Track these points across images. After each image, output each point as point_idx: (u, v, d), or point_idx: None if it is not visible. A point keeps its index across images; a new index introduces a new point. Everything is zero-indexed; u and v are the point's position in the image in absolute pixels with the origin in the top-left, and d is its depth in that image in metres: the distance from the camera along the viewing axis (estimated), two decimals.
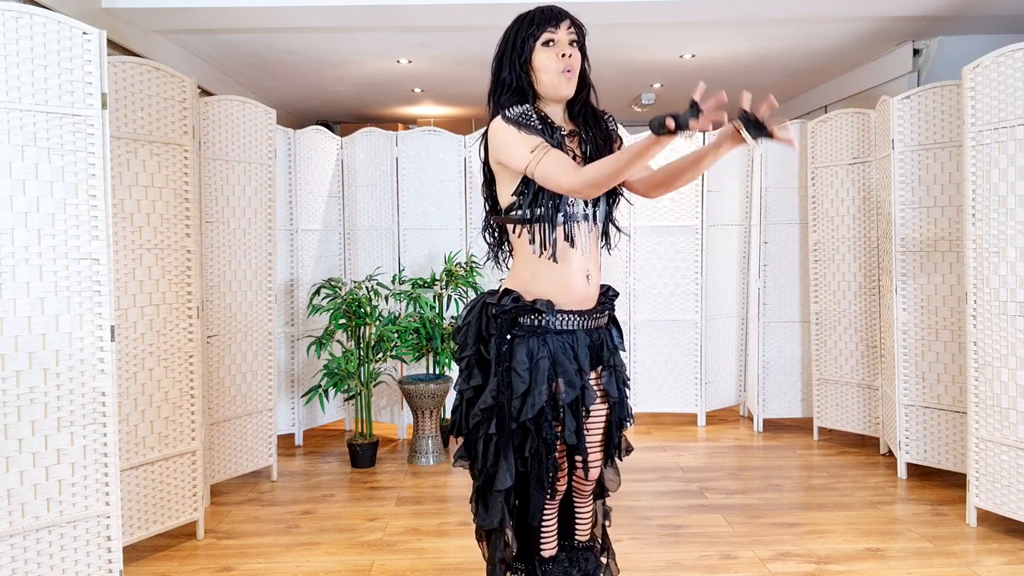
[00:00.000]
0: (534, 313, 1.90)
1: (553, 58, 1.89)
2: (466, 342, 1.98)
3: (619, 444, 2.11)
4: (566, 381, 1.90)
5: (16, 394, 2.30)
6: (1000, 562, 2.83)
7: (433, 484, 3.81)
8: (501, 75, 1.94)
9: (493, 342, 1.92)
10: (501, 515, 1.93)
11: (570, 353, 1.93)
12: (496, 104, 1.95)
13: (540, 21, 1.90)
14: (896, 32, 4.74)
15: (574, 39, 1.92)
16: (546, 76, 1.90)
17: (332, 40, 4.85)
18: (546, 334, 1.91)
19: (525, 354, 1.89)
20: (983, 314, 3.08)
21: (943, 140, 3.59)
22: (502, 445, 1.89)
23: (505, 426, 1.88)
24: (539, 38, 1.89)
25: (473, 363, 1.97)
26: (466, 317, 2.00)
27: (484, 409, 1.91)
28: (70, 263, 2.40)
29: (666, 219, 4.79)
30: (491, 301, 1.95)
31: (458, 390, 2.02)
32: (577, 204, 1.92)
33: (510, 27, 1.96)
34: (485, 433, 1.91)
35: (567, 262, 1.92)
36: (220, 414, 3.58)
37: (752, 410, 4.91)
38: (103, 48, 2.45)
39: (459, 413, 2.01)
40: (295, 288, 4.53)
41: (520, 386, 1.87)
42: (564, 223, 1.90)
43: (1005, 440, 3.01)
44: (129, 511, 2.82)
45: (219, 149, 3.53)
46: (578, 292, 1.94)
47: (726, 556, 2.90)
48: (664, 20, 4.40)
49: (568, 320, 1.93)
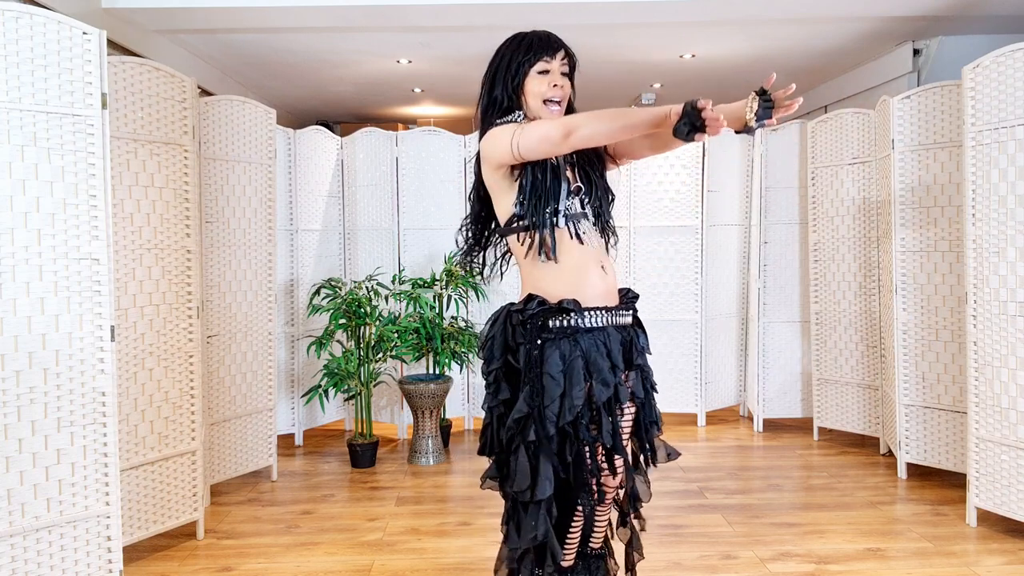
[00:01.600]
0: (562, 314, 1.89)
1: (544, 85, 1.94)
2: (492, 355, 1.95)
3: (653, 448, 2.08)
4: (600, 380, 1.87)
5: (16, 394, 2.30)
6: (1000, 562, 2.83)
7: (433, 484, 3.81)
8: (493, 93, 1.99)
9: (522, 350, 1.89)
10: (546, 527, 1.87)
11: (603, 350, 1.90)
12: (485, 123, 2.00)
13: (537, 49, 1.94)
14: (896, 32, 4.74)
15: (566, 70, 1.97)
16: (535, 102, 1.95)
17: (332, 40, 4.85)
18: (576, 334, 1.89)
19: (558, 356, 1.86)
20: (983, 314, 3.08)
21: (943, 140, 3.59)
22: (540, 452, 1.85)
23: (541, 433, 1.85)
24: (535, 65, 1.94)
25: (501, 376, 1.94)
26: (491, 330, 1.98)
27: (518, 419, 1.87)
28: (70, 263, 2.40)
29: (666, 219, 4.79)
30: (516, 309, 1.93)
31: (487, 407, 1.97)
32: (574, 204, 1.94)
33: (505, 46, 1.99)
34: (523, 442, 1.86)
35: (579, 257, 1.92)
36: (220, 414, 3.58)
37: (752, 410, 4.91)
38: (103, 48, 2.45)
39: (490, 431, 1.97)
40: (295, 288, 4.53)
41: (555, 389, 1.84)
42: (567, 222, 1.91)
43: (1005, 440, 3.01)
44: (129, 511, 2.82)
45: (219, 149, 3.53)
46: (597, 285, 1.93)
47: (726, 556, 2.90)
48: (664, 20, 4.40)
49: (597, 317, 1.92)
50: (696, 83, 6.29)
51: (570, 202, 1.93)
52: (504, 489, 1.96)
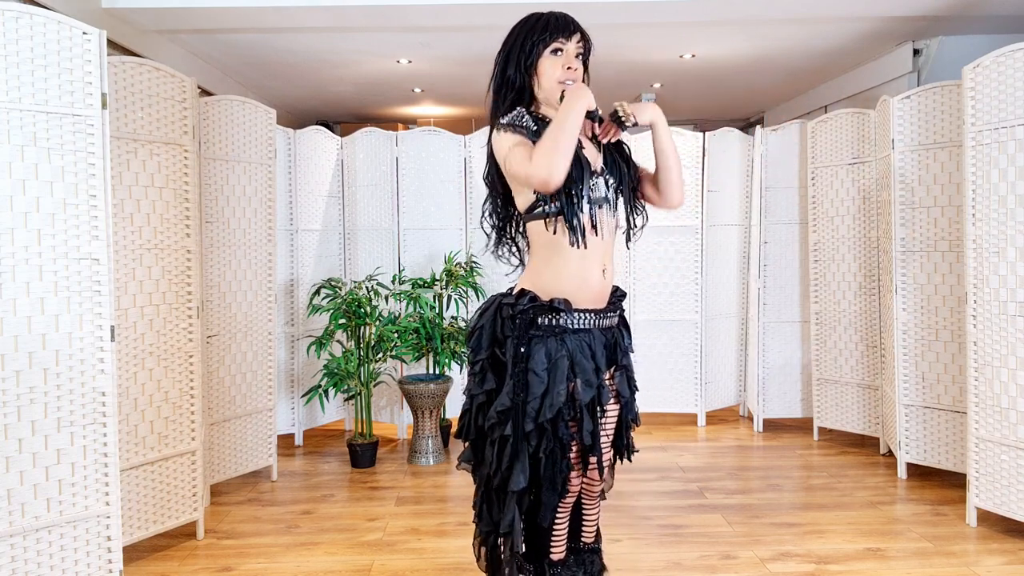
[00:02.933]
0: (552, 313, 1.90)
1: (557, 67, 1.93)
2: (480, 345, 1.97)
3: (628, 444, 2.11)
4: (584, 380, 1.90)
5: (16, 394, 2.30)
6: (1000, 562, 2.83)
7: (433, 484, 3.81)
8: (506, 72, 1.97)
9: (509, 343, 1.91)
10: (512, 517, 1.92)
11: (588, 352, 1.93)
12: (495, 104, 2.00)
13: (553, 29, 1.93)
14: (896, 32, 4.74)
15: (581, 52, 1.96)
16: (547, 83, 1.94)
17: (332, 40, 4.85)
18: (564, 334, 1.91)
19: (544, 354, 1.89)
20: (983, 314, 3.08)
21: (943, 140, 3.59)
22: (517, 447, 1.88)
23: (520, 427, 1.87)
24: (549, 45, 1.93)
25: (487, 367, 1.95)
26: (480, 320, 1.99)
27: (501, 411, 1.89)
28: (70, 263, 2.40)
29: (666, 219, 4.79)
30: (507, 302, 1.94)
31: (468, 393, 2.00)
32: (598, 187, 1.93)
33: (521, 25, 1.98)
34: (500, 435, 1.89)
35: (587, 253, 1.92)
36: (220, 414, 3.58)
37: (752, 410, 4.91)
38: (103, 48, 2.45)
39: (468, 417, 1.99)
40: (295, 288, 4.53)
41: (539, 386, 1.86)
42: (589, 208, 1.91)
43: (1005, 440, 3.01)
44: (129, 511, 2.82)
45: (219, 149, 3.53)
46: (594, 287, 1.95)
47: (726, 556, 2.90)
48: (664, 20, 4.40)
49: (584, 319, 1.94)
50: (696, 83, 6.30)
51: (593, 182, 1.93)
52: (478, 473, 2.01)
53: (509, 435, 1.88)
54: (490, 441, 1.93)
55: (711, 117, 8.27)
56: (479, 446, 1.98)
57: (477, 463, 2.00)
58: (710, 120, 8.33)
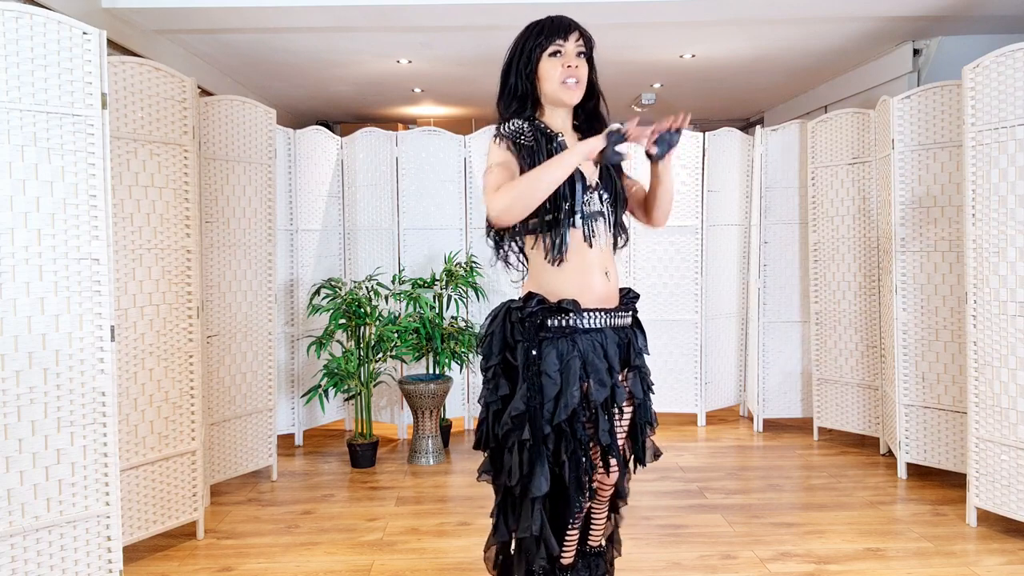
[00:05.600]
0: (561, 314, 1.90)
1: (557, 67, 1.94)
2: (491, 351, 1.97)
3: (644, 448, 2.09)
4: (597, 380, 1.90)
5: (16, 394, 2.30)
6: (1000, 562, 2.83)
7: (433, 484, 3.81)
8: (509, 81, 2.00)
9: (520, 347, 1.91)
10: (540, 522, 1.90)
11: (600, 352, 1.93)
12: (500, 113, 2.02)
13: (549, 32, 1.95)
14: (896, 32, 4.74)
15: (581, 50, 1.97)
16: (548, 85, 1.96)
17: (332, 40, 4.85)
18: (575, 334, 1.91)
19: (555, 356, 1.89)
20: (983, 314, 3.08)
21: (943, 140, 3.59)
22: (536, 450, 1.88)
23: (538, 431, 1.87)
24: (547, 48, 1.94)
25: (499, 373, 1.95)
26: (490, 326, 2.00)
27: (515, 416, 1.89)
28: (70, 263, 2.40)
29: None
30: (515, 306, 1.95)
31: (484, 402, 1.99)
32: (593, 202, 1.95)
33: (521, 35, 2.01)
34: (518, 440, 1.89)
35: (585, 261, 1.93)
36: (220, 414, 3.58)
37: (752, 410, 4.91)
38: (103, 48, 2.45)
39: (485, 426, 1.98)
40: (295, 288, 4.53)
41: (552, 388, 1.86)
42: (583, 222, 1.92)
43: (1005, 440, 3.01)
44: (129, 511, 2.82)
45: (219, 149, 3.53)
46: (597, 290, 1.95)
47: (726, 556, 2.90)
48: (664, 20, 4.40)
49: (595, 318, 1.93)
50: (696, 83, 6.30)
51: (588, 197, 1.94)
52: (497, 482, 1.99)
53: (527, 439, 1.87)
54: (507, 448, 1.91)
55: (711, 117, 8.27)
56: (497, 455, 1.97)
57: (496, 472, 1.98)
58: (710, 120, 8.33)
